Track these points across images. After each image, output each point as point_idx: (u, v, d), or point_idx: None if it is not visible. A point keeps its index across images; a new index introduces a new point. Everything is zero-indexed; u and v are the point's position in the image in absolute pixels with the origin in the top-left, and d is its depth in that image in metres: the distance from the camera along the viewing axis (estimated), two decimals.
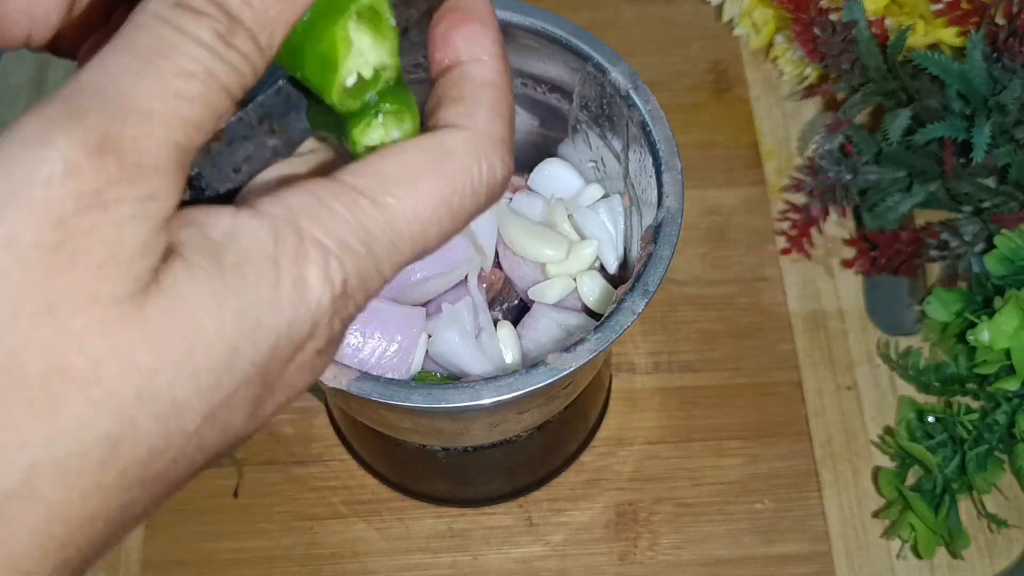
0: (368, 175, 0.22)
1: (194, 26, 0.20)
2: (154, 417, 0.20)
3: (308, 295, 0.21)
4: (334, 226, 0.21)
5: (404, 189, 0.22)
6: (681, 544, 0.53)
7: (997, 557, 0.53)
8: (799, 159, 0.63)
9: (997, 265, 0.54)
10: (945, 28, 0.61)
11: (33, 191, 0.18)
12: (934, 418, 0.54)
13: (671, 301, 0.59)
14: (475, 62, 0.25)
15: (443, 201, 0.23)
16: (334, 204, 0.22)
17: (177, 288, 0.20)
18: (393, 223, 0.22)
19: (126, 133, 0.19)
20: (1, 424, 0.19)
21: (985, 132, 0.54)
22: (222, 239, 0.20)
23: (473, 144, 0.24)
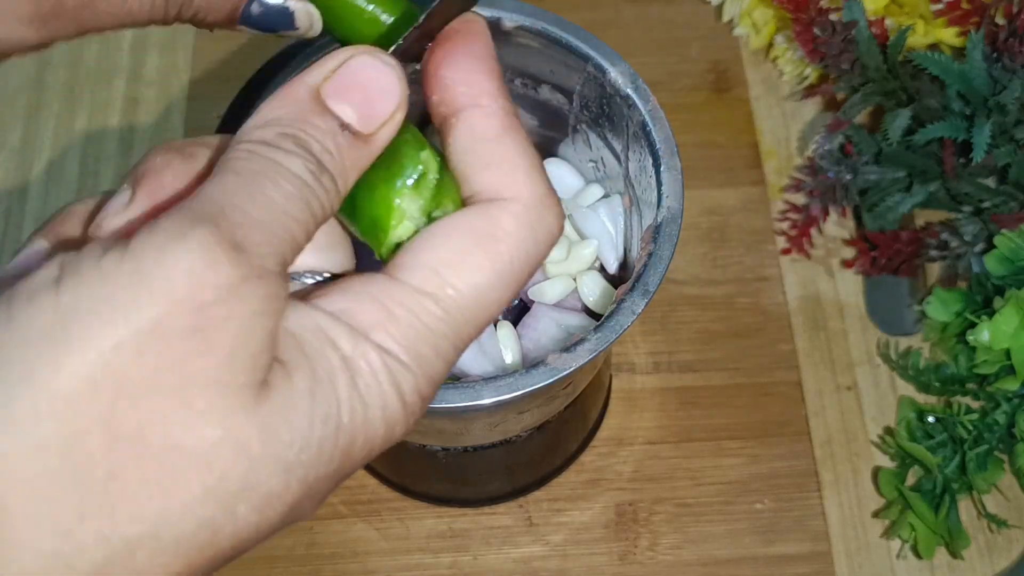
0: (424, 268, 0.23)
1: (289, 160, 0.22)
2: (253, 508, 0.21)
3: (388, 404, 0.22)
4: (403, 336, 0.22)
5: (462, 279, 0.23)
6: (681, 544, 0.53)
7: (997, 557, 0.53)
8: (799, 159, 0.63)
9: (997, 265, 0.53)
10: (945, 28, 0.61)
11: (177, 279, 0.20)
12: (934, 418, 0.54)
13: (671, 301, 0.59)
14: (476, 109, 0.25)
15: (501, 280, 0.23)
16: (399, 312, 0.22)
17: (284, 386, 0.21)
18: (456, 316, 0.23)
19: (251, 238, 0.21)
20: (117, 495, 0.19)
21: (985, 132, 0.54)
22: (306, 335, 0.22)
23: (525, 218, 0.24)
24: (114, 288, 0.20)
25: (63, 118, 0.65)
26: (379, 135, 0.24)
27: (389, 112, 0.24)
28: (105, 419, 0.19)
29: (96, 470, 0.19)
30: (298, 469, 0.21)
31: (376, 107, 0.23)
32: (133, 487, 0.19)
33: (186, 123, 0.65)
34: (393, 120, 0.24)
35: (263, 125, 0.22)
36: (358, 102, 0.23)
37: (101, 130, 0.65)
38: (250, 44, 0.67)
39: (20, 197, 0.63)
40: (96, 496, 0.19)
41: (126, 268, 0.20)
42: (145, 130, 0.65)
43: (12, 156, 0.64)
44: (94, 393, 0.19)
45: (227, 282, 0.20)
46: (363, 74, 0.23)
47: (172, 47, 0.67)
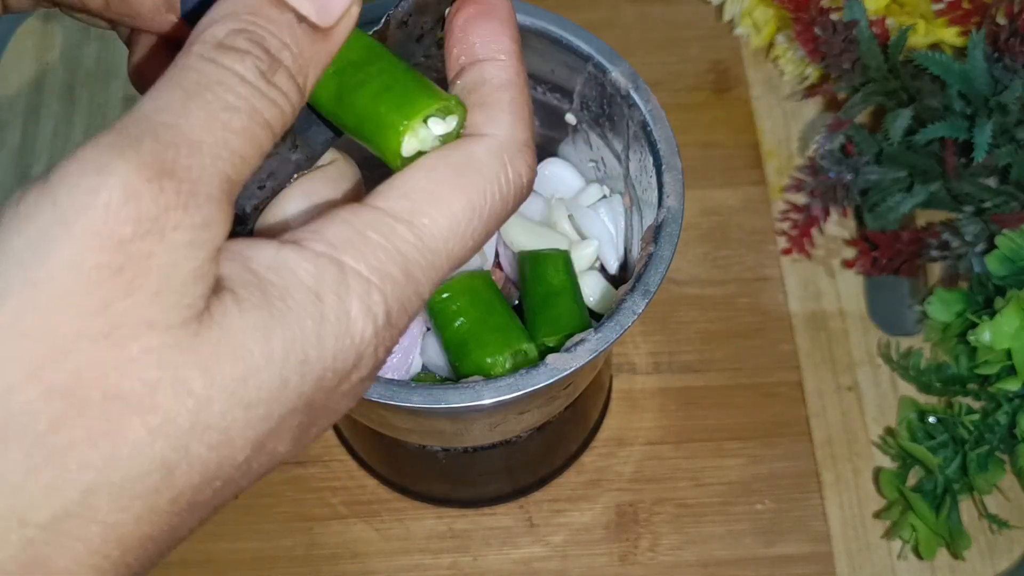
0: (400, 197, 0.23)
1: (238, 64, 0.21)
2: (207, 446, 0.20)
3: (352, 329, 0.22)
4: (374, 258, 0.22)
5: (437, 207, 0.23)
6: (682, 545, 0.53)
7: (998, 558, 0.53)
8: (800, 159, 0.63)
9: (998, 265, 0.53)
10: (946, 28, 0.61)
11: (94, 215, 0.19)
12: (935, 418, 0.54)
13: (672, 301, 0.59)
14: (493, 62, 0.26)
15: (475, 212, 0.24)
16: (371, 234, 0.22)
17: (228, 320, 0.20)
18: (430, 244, 0.23)
19: (180, 162, 0.20)
20: (62, 446, 0.19)
21: (986, 132, 0.53)
22: (267, 273, 0.21)
23: (498, 152, 0.24)
24: (32, 231, 0.19)
25: (62, 119, 0.65)
26: (337, 29, 0.23)
27: (344, 6, 0.23)
28: (35, 371, 0.19)
29: (36, 423, 0.19)
30: (259, 406, 0.20)
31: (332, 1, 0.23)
32: (77, 435, 0.19)
33: None
34: (350, 13, 0.23)
35: (215, 22, 0.22)
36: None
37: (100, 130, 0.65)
38: None
39: None
40: (40, 448, 0.19)
41: (44, 208, 0.19)
42: None
43: (12, 156, 0.64)
44: (19, 344, 0.19)
45: (148, 214, 0.19)
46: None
47: None
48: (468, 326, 0.42)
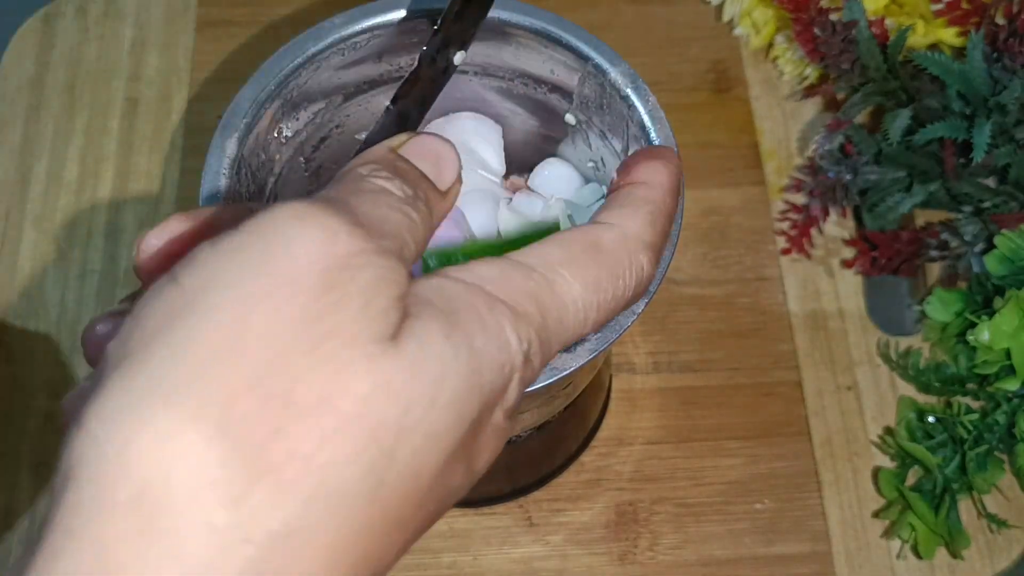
0: (536, 255, 0.25)
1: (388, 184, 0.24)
2: (411, 451, 0.21)
3: (510, 346, 0.23)
4: (516, 293, 0.24)
5: (569, 270, 0.25)
6: (681, 544, 0.53)
7: (997, 557, 0.53)
8: (799, 159, 0.63)
9: (997, 265, 0.53)
10: (945, 28, 0.61)
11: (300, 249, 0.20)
12: (934, 418, 0.54)
13: (671, 301, 0.59)
14: (646, 184, 0.28)
15: (600, 288, 0.25)
16: (513, 274, 0.24)
17: (421, 335, 0.21)
18: (562, 298, 0.24)
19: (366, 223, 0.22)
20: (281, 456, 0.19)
21: (985, 132, 0.54)
22: (434, 297, 0.22)
23: (623, 242, 0.26)
24: (238, 261, 0.20)
25: (63, 119, 0.65)
26: (450, 195, 0.26)
27: (454, 177, 0.26)
28: (252, 380, 0.19)
29: (254, 432, 0.19)
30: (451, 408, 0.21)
31: (445, 170, 0.26)
32: (295, 443, 0.19)
33: (186, 124, 0.65)
34: (455, 188, 0.26)
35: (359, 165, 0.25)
36: (431, 163, 0.26)
37: (101, 130, 0.65)
38: (250, 45, 0.67)
39: (20, 197, 0.63)
40: (260, 459, 0.19)
41: (247, 243, 0.20)
42: (145, 131, 0.65)
43: (12, 156, 0.64)
44: (236, 355, 0.19)
45: (347, 251, 0.21)
46: (431, 145, 0.26)
47: (172, 47, 0.67)
48: None
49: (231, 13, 0.68)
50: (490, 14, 0.45)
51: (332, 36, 0.44)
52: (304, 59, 0.43)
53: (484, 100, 0.50)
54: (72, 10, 0.69)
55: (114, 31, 0.68)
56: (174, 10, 0.68)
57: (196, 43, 0.67)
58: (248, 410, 0.19)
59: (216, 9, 0.68)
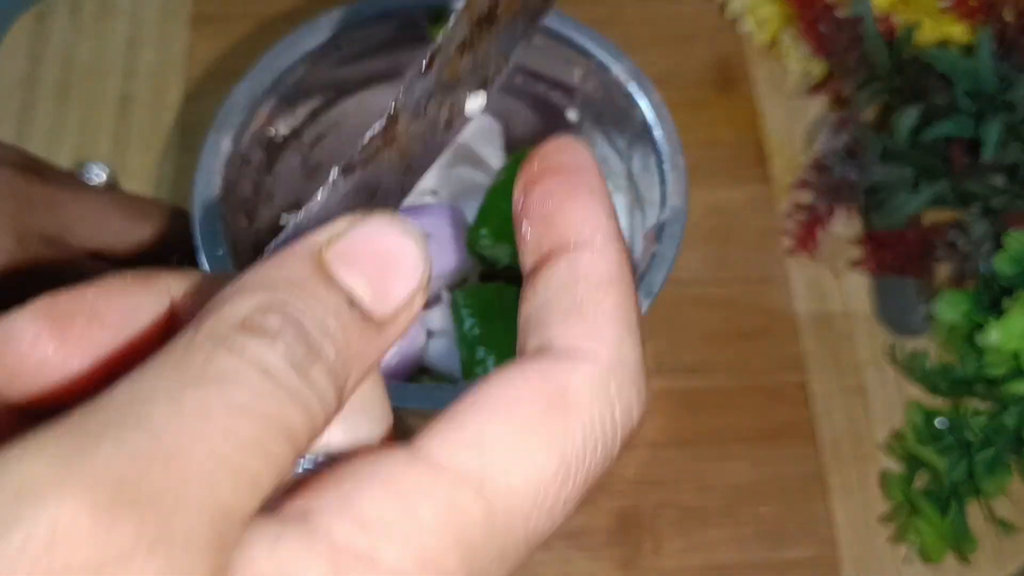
0: (469, 447, 0.17)
1: (265, 351, 0.16)
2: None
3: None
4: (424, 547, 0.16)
5: (518, 465, 0.17)
6: (685, 549, 0.53)
7: (1005, 561, 0.52)
8: (805, 157, 0.63)
9: (1006, 265, 0.53)
10: (953, 25, 0.60)
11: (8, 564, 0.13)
12: (942, 421, 0.54)
13: (675, 301, 0.58)
14: (587, 248, 0.19)
15: (568, 472, 0.17)
16: (424, 510, 0.16)
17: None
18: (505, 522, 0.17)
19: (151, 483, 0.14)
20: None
21: (994, 130, 0.53)
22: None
23: (602, 383, 0.18)
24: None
25: (56, 116, 0.64)
26: (395, 323, 0.18)
27: (410, 290, 0.18)
28: None
29: None
30: None
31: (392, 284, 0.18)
32: None
33: (181, 121, 0.64)
34: (411, 307, 0.18)
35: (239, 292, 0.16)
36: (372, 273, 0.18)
37: (95, 128, 0.64)
38: (245, 41, 0.66)
39: None
40: None
41: None
42: (139, 128, 0.64)
43: None
44: None
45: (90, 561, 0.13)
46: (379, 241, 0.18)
47: (167, 45, 0.67)
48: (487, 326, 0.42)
49: (226, 9, 0.67)
50: None
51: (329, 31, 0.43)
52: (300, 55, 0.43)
53: None
54: (66, 7, 0.68)
55: (108, 28, 0.67)
56: (168, 6, 0.68)
57: (191, 39, 0.67)
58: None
59: (211, 5, 0.68)
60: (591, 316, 0.19)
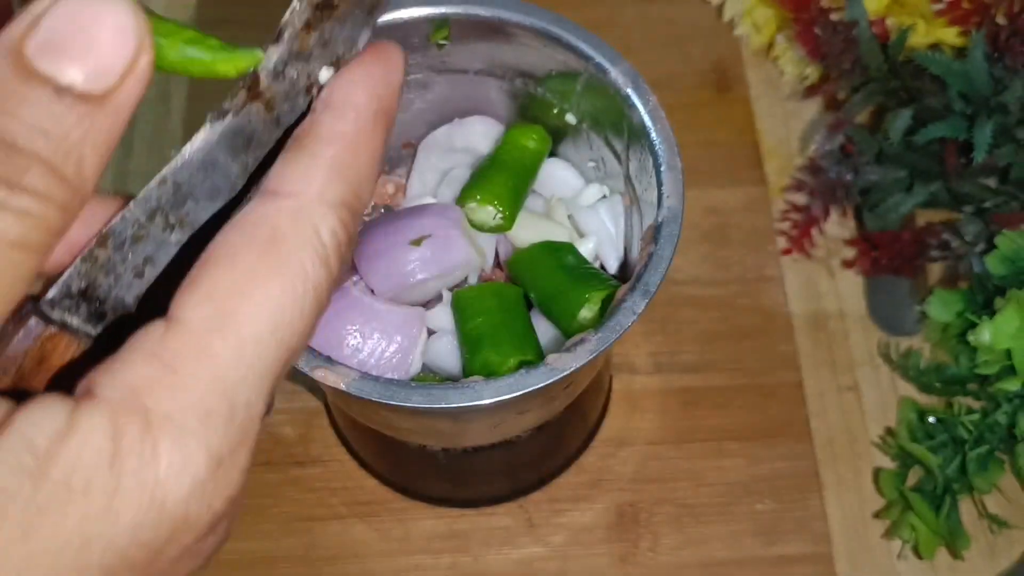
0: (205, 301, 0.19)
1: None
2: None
3: (160, 495, 0.18)
4: (187, 395, 0.19)
5: (252, 302, 0.19)
6: (682, 545, 0.53)
7: (998, 557, 0.53)
8: (800, 159, 0.63)
9: (998, 265, 0.53)
10: (946, 28, 0.61)
11: None
12: (935, 419, 0.54)
13: (672, 301, 0.59)
14: (330, 111, 0.21)
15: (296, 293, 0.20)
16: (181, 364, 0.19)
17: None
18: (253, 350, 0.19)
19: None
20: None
21: (986, 132, 0.53)
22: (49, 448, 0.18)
23: (303, 216, 0.20)
24: None
25: None
26: (121, 91, 0.18)
27: (127, 59, 0.18)
28: None
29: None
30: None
31: (104, 57, 0.18)
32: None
33: (185, 124, 0.65)
34: (137, 69, 0.18)
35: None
36: (76, 55, 0.17)
37: None
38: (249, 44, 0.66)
39: None
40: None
41: None
42: (144, 130, 0.65)
43: None
44: None
45: None
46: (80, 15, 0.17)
47: None
48: (489, 325, 0.43)
49: (230, 12, 0.67)
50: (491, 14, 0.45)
51: None
52: None
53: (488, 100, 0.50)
54: None
55: None
56: (171, 11, 0.68)
57: None
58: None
59: (215, 9, 0.68)
60: (306, 160, 0.21)
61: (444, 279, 0.46)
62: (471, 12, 0.45)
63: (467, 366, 0.44)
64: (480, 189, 0.47)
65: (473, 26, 0.45)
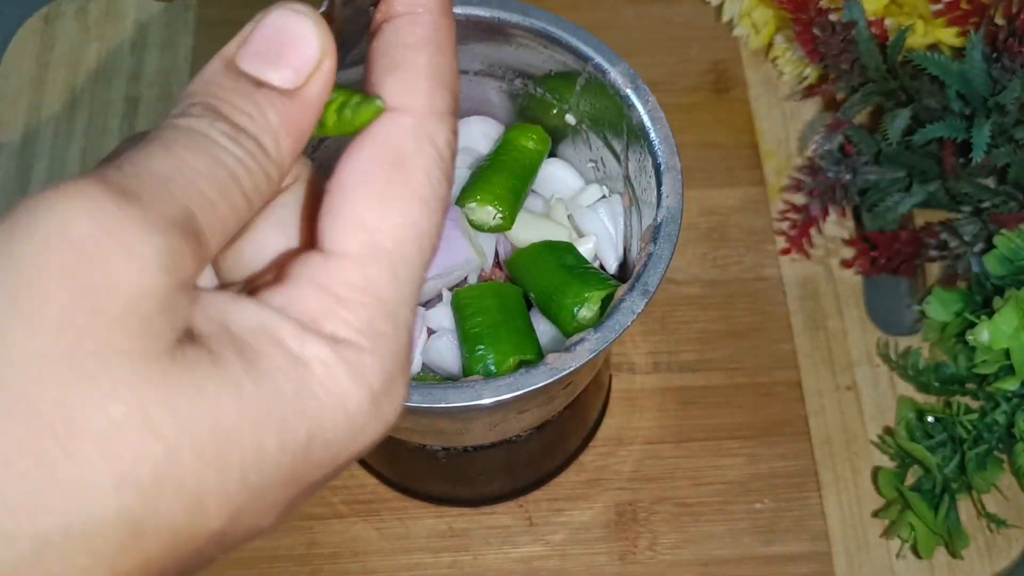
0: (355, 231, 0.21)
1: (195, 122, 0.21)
2: (181, 508, 0.18)
3: (346, 403, 0.20)
4: (357, 319, 0.21)
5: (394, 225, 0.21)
6: (681, 544, 0.53)
7: (997, 557, 0.53)
8: (799, 159, 0.63)
9: (996, 265, 0.54)
10: (945, 28, 0.61)
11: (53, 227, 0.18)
12: (933, 418, 0.54)
13: (671, 301, 0.59)
14: (409, 17, 0.23)
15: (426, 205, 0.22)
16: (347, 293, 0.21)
17: (201, 371, 0.18)
18: (404, 271, 0.21)
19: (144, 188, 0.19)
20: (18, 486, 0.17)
21: (984, 132, 0.54)
22: (246, 336, 0.20)
23: (422, 131, 0.22)
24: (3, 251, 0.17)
25: (63, 119, 0.65)
26: (309, 87, 0.22)
27: (312, 61, 0.22)
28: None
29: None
30: (233, 472, 0.19)
31: (295, 59, 0.22)
32: (36, 476, 0.17)
33: None
34: (321, 70, 0.22)
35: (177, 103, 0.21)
36: (271, 57, 0.22)
37: (101, 130, 0.65)
38: None
39: (20, 197, 0.63)
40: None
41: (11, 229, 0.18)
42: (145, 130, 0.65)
43: (12, 156, 0.64)
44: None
45: (110, 228, 0.18)
46: (276, 28, 0.22)
47: (173, 47, 0.67)
48: (489, 324, 0.43)
49: (231, 13, 0.68)
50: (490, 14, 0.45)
51: None
52: None
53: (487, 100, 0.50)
54: (72, 10, 0.69)
55: (114, 31, 0.68)
56: (174, 10, 0.68)
57: (196, 43, 0.67)
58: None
59: (216, 9, 0.68)
60: (405, 73, 0.23)
61: (444, 278, 0.46)
62: (471, 13, 0.45)
63: (467, 365, 0.44)
64: (480, 189, 0.47)
65: (473, 27, 0.45)
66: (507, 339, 0.44)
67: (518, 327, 0.44)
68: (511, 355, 0.43)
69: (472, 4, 0.45)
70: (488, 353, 0.43)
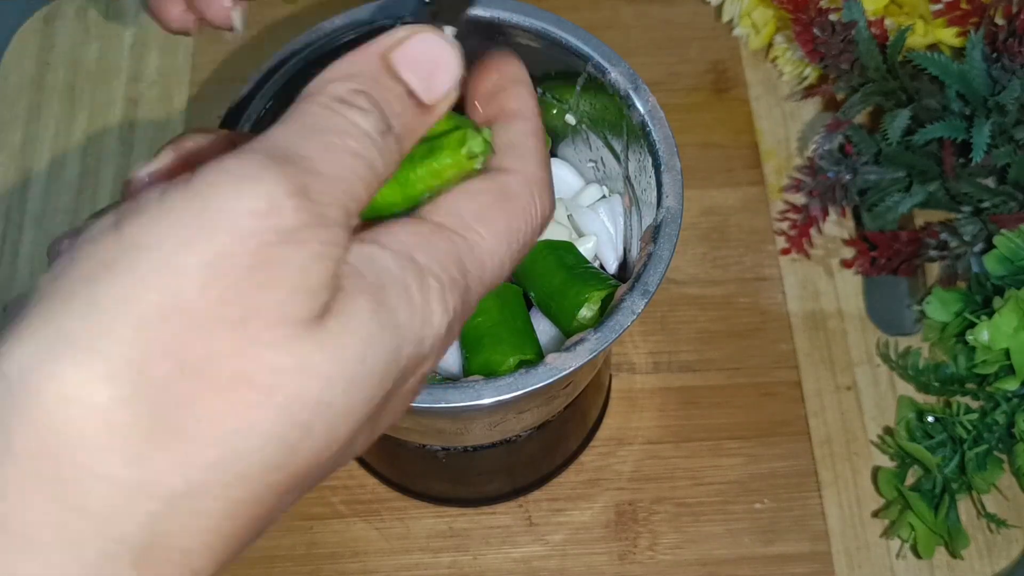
0: (450, 214, 0.25)
1: (361, 119, 0.23)
2: (326, 426, 0.21)
3: (434, 321, 0.23)
4: (440, 262, 0.24)
5: (484, 225, 0.25)
6: (681, 544, 0.53)
7: (996, 557, 0.53)
8: (799, 159, 0.64)
9: (996, 265, 0.54)
10: (944, 28, 0.61)
11: (241, 219, 0.20)
12: (933, 418, 0.54)
13: (671, 301, 0.59)
14: (521, 117, 0.29)
15: (512, 235, 0.26)
16: (437, 241, 0.24)
17: (348, 314, 0.22)
18: (481, 257, 0.25)
19: (315, 188, 0.21)
20: (191, 422, 0.20)
21: (984, 132, 0.54)
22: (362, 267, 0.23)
23: (527, 185, 0.27)
24: (178, 221, 0.20)
25: (63, 119, 0.65)
26: (437, 108, 0.25)
27: (449, 87, 0.25)
28: (173, 348, 0.20)
29: (167, 397, 0.19)
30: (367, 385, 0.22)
31: (438, 81, 0.25)
32: (206, 412, 0.20)
33: (186, 124, 0.65)
34: (449, 97, 0.25)
35: (338, 79, 0.24)
36: (423, 73, 0.25)
37: (101, 130, 0.65)
38: (250, 45, 0.67)
39: (20, 197, 0.63)
40: (169, 422, 0.20)
41: (191, 203, 0.20)
42: (145, 131, 0.65)
43: (12, 156, 0.64)
44: (162, 322, 0.20)
45: (289, 225, 0.21)
46: (429, 48, 0.25)
47: (172, 47, 0.67)
48: (489, 324, 0.43)
49: None
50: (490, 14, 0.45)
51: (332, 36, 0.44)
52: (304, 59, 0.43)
53: None
54: (72, 10, 0.69)
55: (114, 31, 0.68)
56: None
57: (196, 43, 0.67)
58: (163, 376, 0.19)
59: None
60: (519, 149, 0.28)
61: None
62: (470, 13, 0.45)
63: (467, 365, 0.44)
64: None
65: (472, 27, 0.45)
66: (507, 339, 0.44)
67: (518, 327, 0.45)
68: (511, 355, 0.43)
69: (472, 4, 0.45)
70: (488, 353, 0.43)
